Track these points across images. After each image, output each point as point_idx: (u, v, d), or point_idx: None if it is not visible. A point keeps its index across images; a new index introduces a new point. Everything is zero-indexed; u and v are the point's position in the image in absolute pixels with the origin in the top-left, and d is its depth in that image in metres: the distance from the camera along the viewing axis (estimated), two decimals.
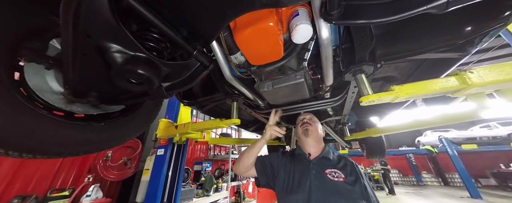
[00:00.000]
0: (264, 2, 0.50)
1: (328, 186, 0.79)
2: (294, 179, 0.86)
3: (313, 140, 0.99)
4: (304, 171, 0.88)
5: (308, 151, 0.98)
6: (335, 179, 0.81)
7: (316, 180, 0.82)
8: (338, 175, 0.83)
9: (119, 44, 0.58)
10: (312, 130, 1.01)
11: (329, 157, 0.94)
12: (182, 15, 0.59)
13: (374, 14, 0.48)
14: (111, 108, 0.84)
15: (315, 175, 0.84)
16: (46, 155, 0.62)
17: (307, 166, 0.90)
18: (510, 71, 0.63)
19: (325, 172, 0.84)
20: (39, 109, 0.61)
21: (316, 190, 0.78)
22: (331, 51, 0.80)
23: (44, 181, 1.86)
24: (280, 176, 0.92)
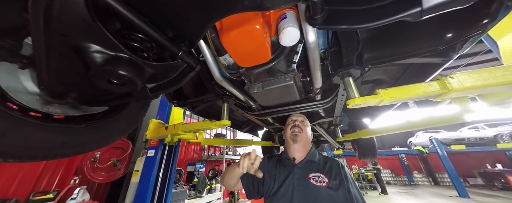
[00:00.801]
0: (247, 5, 0.50)
1: (310, 191, 0.79)
2: (279, 185, 0.85)
3: (300, 146, 0.97)
4: (288, 176, 0.87)
5: (293, 155, 0.97)
6: (318, 183, 0.80)
7: (299, 185, 0.82)
8: (322, 179, 0.82)
9: (97, 44, 0.56)
10: (301, 137, 0.98)
11: (314, 160, 0.93)
12: (165, 15, 0.57)
13: (355, 20, 0.49)
14: (93, 109, 0.81)
15: (298, 180, 0.83)
16: (19, 159, 0.59)
17: (291, 171, 0.89)
18: (487, 77, 0.65)
19: (308, 177, 0.84)
20: (12, 111, 0.59)
21: (298, 196, 0.78)
22: (318, 55, 0.81)
23: (27, 183, 1.78)
24: (266, 182, 0.91)
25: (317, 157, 0.95)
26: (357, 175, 9.49)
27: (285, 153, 1.01)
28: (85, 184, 2.08)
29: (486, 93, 0.84)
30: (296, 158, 0.95)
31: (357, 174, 9.53)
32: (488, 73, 0.66)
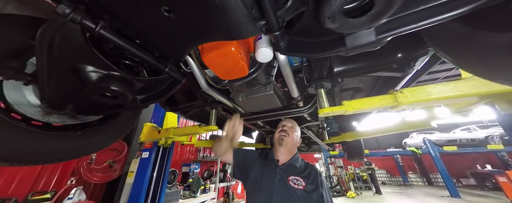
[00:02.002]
0: (218, 36, 0.60)
1: (288, 192, 0.86)
2: (262, 181, 0.93)
3: (285, 149, 1.04)
4: (271, 175, 0.94)
5: (277, 157, 1.04)
6: (295, 186, 0.87)
7: (278, 185, 0.89)
8: (299, 182, 0.89)
9: (92, 65, 0.66)
10: (287, 141, 1.05)
11: (296, 164, 1.00)
12: (150, 40, 0.67)
13: (307, 49, 0.59)
14: (88, 118, 0.91)
15: (278, 180, 0.91)
16: (22, 163, 0.69)
17: (274, 171, 0.96)
18: (430, 92, 0.76)
19: (288, 179, 0.91)
20: (16, 121, 0.68)
21: (276, 194, 0.85)
22: (290, 70, 0.91)
23: (25, 183, 1.86)
24: (251, 174, 0.99)
25: (299, 163, 1.03)
26: (353, 175, 9.62)
27: (271, 153, 1.09)
28: (81, 185, 2.16)
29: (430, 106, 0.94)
30: (280, 160, 1.03)
31: (353, 174, 9.67)
32: (430, 89, 0.76)
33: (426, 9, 0.35)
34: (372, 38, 0.43)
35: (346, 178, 8.87)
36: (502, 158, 8.95)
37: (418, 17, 0.37)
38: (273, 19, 0.53)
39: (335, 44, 0.50)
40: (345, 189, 8.35)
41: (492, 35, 0.35)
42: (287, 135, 1.07)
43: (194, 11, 0.50)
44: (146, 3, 0.49)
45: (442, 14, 0.34)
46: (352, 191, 7.99)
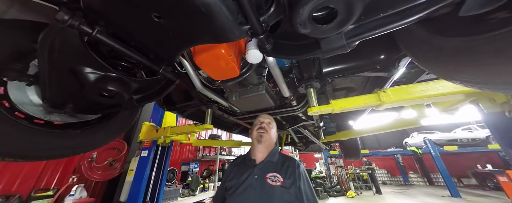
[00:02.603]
0: (206, 39, 0.64)
1: (266, 190, 0.86)
2: (240, 184, 0.92)
3: (264, 147, 1.03)
4: (249, 176, 0.93)
5: (255, 156, 1.02)
6: (273, 183, 0.87)
7: (256, 185, 0.89)
8: (277, 179, 0.89)
9: (90, 67, 0.71)
10: (266, 138, 1.03)
11: (273, 160, 0.99)
12: (144, 43, 0.72)
13: (289, 52, 0.63)
14: (87, 116, 0.95)
15: (256, 180, 0.90)
16: (26, 159, 0.74)
17: (252, 172, 0.95)
18: (411, 92, 0.79)
19: (266, 177, 0.90)
20: (19, 119, 0.73)
21: (254, 195, 0.85)
22: (279, 71, 0.95)
23: (29, 181, 1.92)
24: (230, 185, 0.96)
25: (276, 157, 1.01)
26: (353, 175, 9.62)
27: (248, 153, 1.08)
28: (82, 182, 2.22)
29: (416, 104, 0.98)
30: (258, 158, 1.01)
31: (353, 174, 9.67)
32: (411, 88, 0.80)
33: (385, 17, 0.39)
34: (343, 42, 0.47)
35: (346, 177, 8.87)
36: (503, 158, 8.90)
37: (379, 24, 0.41)
38: (257, 24, 0.57)
39: (312, 47, 0.54)
40: (345, 188, 8.35)
41: (444, 40, 0.39)
42: (266, 132, 1.05)
43: (182, 17, 0.55)
44: (137, 10, 0.54)
45: (397, 22, 0.38)
46: (352, 191, 8.00)
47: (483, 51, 0.33)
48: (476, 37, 0.34)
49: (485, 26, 0.34)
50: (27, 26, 0.72)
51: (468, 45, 0.35)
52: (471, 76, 0.39)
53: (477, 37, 0.34)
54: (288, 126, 2.20)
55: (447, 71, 0.45)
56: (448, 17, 0.38)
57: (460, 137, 7.98)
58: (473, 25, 0.36)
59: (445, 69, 0.45)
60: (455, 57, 0.38)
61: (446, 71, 0.46)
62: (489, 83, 0.37)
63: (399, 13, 0.37)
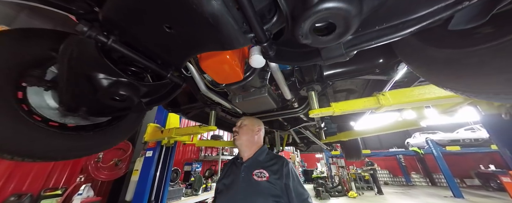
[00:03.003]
0: (212, 47, 0.68)
1: (252, 186, 0.89)
2: (230, 182, 0.97)
3: (242, 146, 1.08)
4: (237, 175, 0.98)
5: (242, 155, 1.09)
6: (259, 179, 0.91)
7: (243, 182, 0.93)
8: (263, 174, 0.92)
9: (104, 73, 0.75)
10: (238, 139, 1.09)
11: (260, 158, 1.03)
12: (153, 50, 0.76)
13: (292, 58, 0.67)
14: (99, 119, 1.00)
15: (243, 178, 0.94)
16: (43, 159, 0.78)
17: (239, 170, 0.99)
18: (409, 95, 0.83)
19: (252, 174, 0.94)
20: (37, 122, 0.77)
21: (241, 191, 0.90)
22: (281, 74, 0.99)
23: (38, 180, 1.98)
24: (223, 180, 1.03)
25: (263, 156, 1.06)
26: (354, 176, 9.60)
27: (238, 154, 1.15)
28: (89, 182, 2.28)
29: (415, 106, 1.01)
30: (245, 157, 1.07)
31: (355, 174, 9.65)
32: (410, 91, 0.83)
33: (380, 30, 0.43)
34: (342, 51, 0.51)
35: (348, 178, 8.87)
36: None
37: (374, 36, 0.44)
38: (260, 33, 0.60)
39: (313, 55, 0.58)
40: (346, 189, 8.35)
41: (435, 50, 0.42)
42: (237, 134, 1.11)
43: (191, 27, 0.59)
44: (150, 21, 0.58)
45: (392, 35, 0.41)
46: (353, 191, 8.00)
47: (468, 63, 0.36)
48: (463, 50, 0.37)
49: (471, 40, 0.37)
50: (45, 34, 0.77)
51: (456, 57, 0.39)
52: (458, 85, 0.42)
53: (463, 50, 0.37)
54: (290, 126, 2.23)
55: (438, 80, 0.48)
56: (439, 30, 0.41)
57: (462, 137, 7.92)
58: (461, 38, 0.39)
59: (437, 78, 0.48)
60: (444, 67, 0.42)
61: (437, 80, 0.49)
62: (474, 92, 0.40)
63: (393, 27, 0.41)
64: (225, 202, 0.93)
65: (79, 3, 0.61)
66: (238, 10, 0.55)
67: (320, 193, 7.54)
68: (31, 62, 0.74)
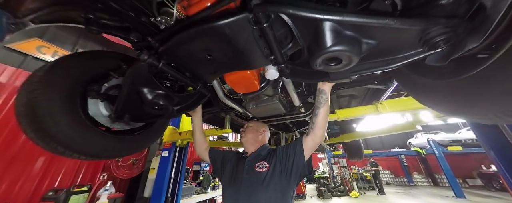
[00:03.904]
0: (240, 68, 0.84)
1: (254, 177, 1.00)
2: (234, 175, 1.09)
3: (247, 143, 1.22)
4: (242, 168, 1.10)
5: (247, 151, 1.23)
6: (261, 170, 1.02)
7: (247, 174, 1.04)
8: (264, 165, 1.04)
9: (150, 88, 0.92)
10: (245, 138, 1.24)
11: (262, 153, 1.16)
12: (187, 69, 0.92)
13: (304, 76, 0.83)
14: (136, 124, 1.17)
15: (247, 170, 1.06)
16: (99, 158, 0.95)
17: (243, 164, 1.12)
18: (404, 104, 0.98)
19: (255, 166, 1.06)
20: (95, 127, 0.94)
21: (244, 183, 1.01)
22: (292, 85, 1.15)
23: (68, 177, 2.16)
24: (225, 170, 1.17)
25: (266, 151, 1.19)
26: (356, 175, 9.70)
27: (243, 151, 1.29)
28: (111, 179, 2.46)
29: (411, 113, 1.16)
30: (249, 152, 1.21)
31: (356, 174, 9.75)
32: (405, 101, 0.98)
33: (375, 62, 0.58)
34: (345, 75, 0.66)
35: (350, 178, 8.97)
36: None
37: (371, 66, 0.59)
38: (279, 56, 0.76)
39: (323, 75, 0.74)
40: (348, 189, 8.45)
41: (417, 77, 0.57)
42: (244, 133, 1.27)
43: (227, 55, 0.75)
44: (196, 51, 0.74)
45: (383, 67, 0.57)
46: (355, 191, 8.10)
47: (435, 90, 0.50)
48: (433, 80, 0.52)
49: (439, 74, 0.52)
50: (102, 55, 0.94)
51: (428, 84, 0.53)
52: (429, 104, 0.56)
53: (433, 80, 0.52)
54: (295, 128, 2.39)
55: (417, 97, 0.63)
56: (421, 62, 0.56)
57: (464, 138, 7.96)
58: (433, 71, 0.54)
59: (416, 96, 0.63)
60: (422, 90, 0.56)
61: (417, 97, 0.64)
62: (439, 111, 0.55)
63: (384, 61, 0.56)
64: (231, 192, 1.04)
65: (135, 33, 0.78)
66: (260, 37, 0.70)
67: (322, 192, 7.66)
68: (93, 79, 0.91)
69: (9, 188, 1.74)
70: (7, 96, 1.93)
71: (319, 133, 0.98)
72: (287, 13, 0.51)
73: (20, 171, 1.83)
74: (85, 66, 0.88)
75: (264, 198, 0.94)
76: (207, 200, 3.43)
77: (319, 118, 0.96)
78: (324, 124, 0.98)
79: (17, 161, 1.84)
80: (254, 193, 0.96)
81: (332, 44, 0.53)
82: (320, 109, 0.96)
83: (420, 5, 0.47)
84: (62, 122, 0.79)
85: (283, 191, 0.97)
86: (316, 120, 0.97)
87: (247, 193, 0.97)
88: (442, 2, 0.42)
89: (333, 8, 0.48)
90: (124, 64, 0.94)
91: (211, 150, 1.33)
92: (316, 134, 0.98)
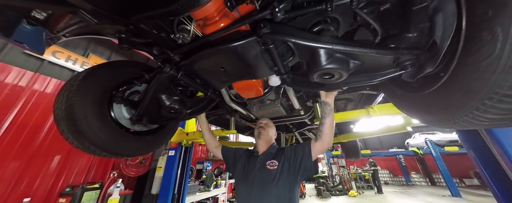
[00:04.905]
0: (247, 77, 0.97)
1: (265, 174, 1.09)
2: (246, 171, 1.18)
3: (263, 141, 1.29)
4: (253, 165, 1.18)
5: (258, 149, 1.29)
6: (271, 168, 1.11)
7: (258, 171, 1.12)
8: (274, 164, 1.13)
9: (168, 94, 1.05)
10: (264, 134, 1.30)
11: (272, 151, 1.24)
12: (205, 80, 1.05)
13: (304, 85, 0.95)
14: (151, 126, 1.30)
15: (258, 168, 1.15)
16: (123, 156, 1.08)
17: (255, 162, 1.20)
18: (392, 109, 1.11)
19: (266, 164, 1.14)
20: (120, 129, 1.07)
21: (256, 179, 1.10)
22: (293, 91, 1.28)
23: (81, 175, 2.28)
24: (238, 166, 1.25)
25: (275, 150, 1.27)
26: (355, 175, 9.84)
27: (254, 148, 1.38)
28: (120, 177, 2.58)
29: None
30: (260, 151, 1.28)
31: (355, 174, 9.89)
32: (391, 106, 1.11)
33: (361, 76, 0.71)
34: (338, 86, 0.79)
35: (348, 177, 9.11)
36: None
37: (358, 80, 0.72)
38: (281, 67, 0.89)
39: (320, 85, 0.87)
40: (347, 188, 8.59)
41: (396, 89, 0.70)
42: (264, 129, 1.33)
43: (237, 67, 0.88)
44: (211, 65, 0.87)
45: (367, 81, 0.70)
46: (354, 190, 8.24)
47: (408, 101, 0.63)
48: (407, 92, 0.64)
49: (411, 88, 0.65)
50: (126, 65, 1.07)
51: (404, 95, 0.66)
52: (407, 113, 0.69)
53: (407, 92, 0.64)
54: (295, 129, 2.52)
55: (398, 107, 0.76)
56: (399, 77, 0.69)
57: None
58: (408, 85, 0.67)
59: (397, 105, 0.76)
60: (400, 99, 0.69)
61: (397, 106, 0.77)
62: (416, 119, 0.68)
63: (369, 76, 0.69)
64: (244, 189, 1.14)
65: (157, 47, 0.91)
66: (265, 51, 0.82)
67: (321, 192, 7.80)
68: (118, 86, 1.04)
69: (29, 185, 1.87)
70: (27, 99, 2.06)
71: (326, 139, 1.08)
72: (290, 42, 0.64)
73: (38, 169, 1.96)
74: (112, 75, 1.01)
75: (274, 193, 1.04)
76: (210, 197, 3.55)
77: (326, 127, 1.06)
78: (331, 131, 1.07)
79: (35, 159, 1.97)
80: (265, 188, 1.06)
81: (326, 63, 0.66)
82: (326, 119, 1.06)
83: (395, 35, 0.60)
84: (95, 124, 0.91)
85: (291, 187, 1.07)
86: (323, 128, 1.07)
87: (258, 188, 1.07)
88: (408, 35, 0.55)
89: (326, 39, 0.61)
90: (146, 73, 1.07)
91: (223, 148, 1.42)
92: (324, 140, 1.08)
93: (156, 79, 0.92)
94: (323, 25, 0.71)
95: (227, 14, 0.71)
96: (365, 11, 0.63)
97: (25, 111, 2.03)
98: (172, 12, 0.62)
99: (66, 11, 0.73)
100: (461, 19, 0.38)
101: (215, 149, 1.43)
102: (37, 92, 2.11)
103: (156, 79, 0.92)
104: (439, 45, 0.47)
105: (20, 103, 2.02)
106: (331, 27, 0.73)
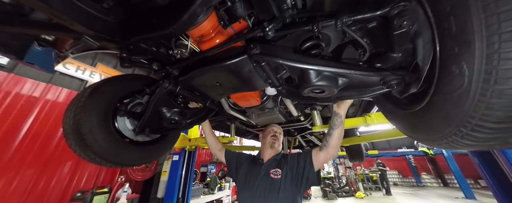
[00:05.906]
0: (244, 90, 1.00)
1: (269, 183, 1.09)
2: (250, 178, 1.17)
3: (274, 151, 1.28)
4: (257, 173, 1.18)
5: (263, 156, 1.28)
6: (275, 177, 1.10)
7: (262, 179, 1.12)
8: (278, 173, 1.12)
9: (168, 107, 1.10)
10: (277, 144, 1.29)
11: (277, 158, 1.23)
12: (202, 93, 1.09)
13: (298, 97, 0.97)
14: (154, 136, 1.35)
15: (262, 176, 1.14)
16: (127, 166, 1.14)
17: (259, 169, 1.19)
18: None
19: (270, 172, 1.13)
20: (123, 140, 1.13)
21: (260, 188, 1.09)
22: (290, 100, 1.29)
23: (91, 179, 2.41)
24: (241, 173, 1.24)
25: (279, 156, 1.27)
26: (362, 176, 9.64)
27: (258, 154, 1.36)
28: (127, 182, 2.69)
29: None
30: (265, 158, 1.27)
31: (362, 175, 9.69)
32: None
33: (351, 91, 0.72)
34: (330, 100, 0.80)
35: (355, 178, 8.93)
36: None
37: (349, 95, 0.74)
38: (275, 80, 0.91)
39: (313, 98, 0.88)
40: (354, 189, 8.43)
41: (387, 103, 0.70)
42: (278, 140, 1.31)
43: (233, 82, 0.91)
44: (208, 80, 0.90)
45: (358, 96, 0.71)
46: (361, 192, 8.07)
47: (398, 116, 0.63)
48: (396, 108, 0.65)
49: (400, 104, 0.65)
50: (129, 79, 1.13)
51: (394, 110, 0.66)
52: (395, 126, 0.69)
53: (396, 107, 0.65)
54: (297, 133, 2.53)
55: (388, 119, 0.76)
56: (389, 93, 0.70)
57: None
58: (397, 101, 0.67)
59: (387, 118, 0.76)
60: (390, 113, 0.69)
61: (387, 118, 0.77)
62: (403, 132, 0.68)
63: (359, 91, 0.70)
64: (247, 195, 1.13)
65: (156, 63, 0.96)
66: (259, 66, 0.85)
67: (327, 193, 7.69)
68: (121, 100, 1.10)
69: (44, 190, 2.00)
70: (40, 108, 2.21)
71: (332, 151, 1.06)
72: (277, 63, 0.66)
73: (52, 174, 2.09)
74: (116, 90, 1.07)
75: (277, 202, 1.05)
76: (214, 200, 3.61)
77: (333, 138, 1.03)
78: (337, 144, 1.04)
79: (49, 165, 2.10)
80: (268, 198, 1.06)
81: (315, 80, 0.67)
82: (335, 130, 1.01)
83: (381, 53, 0.61)
84: (100, 138, 0.97)
85: (294, 196, 1.08)
86: (331, 139, 1.03)
87: (261, 197, 1.07)
88: (393, 55, 0.56)
89: (312, 60, 0.63)
90: (146, 87, 1.12)
91: (226, 152, 1.43)
92: (329, 152, 1.06)
93: (156, 94, 0.96)
94: (315, 41, 0.73)
95: (222, 31, 0.75)
96: (353, 28, 0.65)
97: (39, 120, 2.17)
98: (168, 35, 0.66)
99: (71, 37, 0.79)
100: (435, 49, 0.39)
101: (218, 152, 1.45)
102: (50, 102, 2.26)
103: (156, 93, 0.97)
104: (421, 68, 0.48)
105: (35, 112, 2.16)
106: (322, 43, 0.75)
